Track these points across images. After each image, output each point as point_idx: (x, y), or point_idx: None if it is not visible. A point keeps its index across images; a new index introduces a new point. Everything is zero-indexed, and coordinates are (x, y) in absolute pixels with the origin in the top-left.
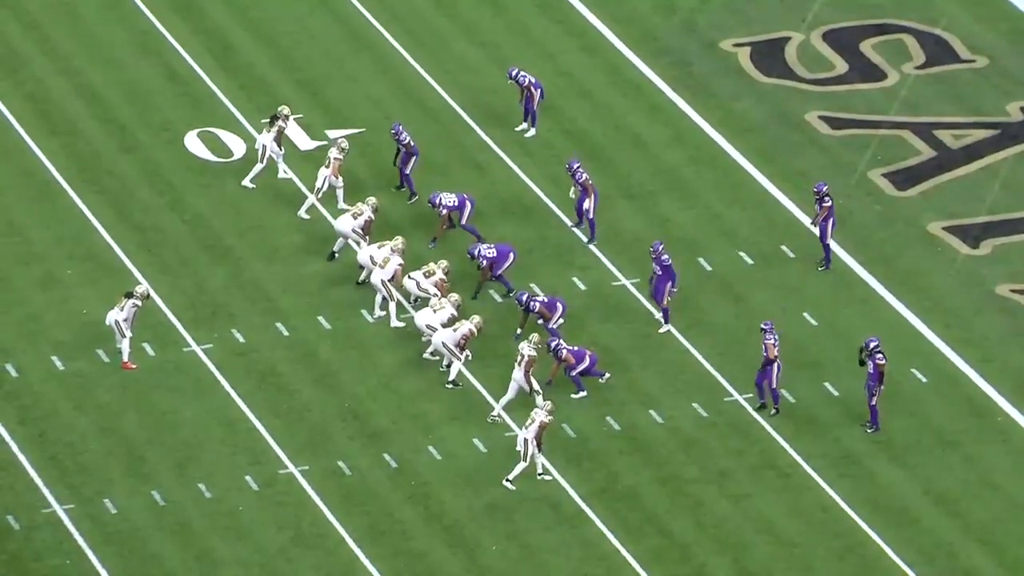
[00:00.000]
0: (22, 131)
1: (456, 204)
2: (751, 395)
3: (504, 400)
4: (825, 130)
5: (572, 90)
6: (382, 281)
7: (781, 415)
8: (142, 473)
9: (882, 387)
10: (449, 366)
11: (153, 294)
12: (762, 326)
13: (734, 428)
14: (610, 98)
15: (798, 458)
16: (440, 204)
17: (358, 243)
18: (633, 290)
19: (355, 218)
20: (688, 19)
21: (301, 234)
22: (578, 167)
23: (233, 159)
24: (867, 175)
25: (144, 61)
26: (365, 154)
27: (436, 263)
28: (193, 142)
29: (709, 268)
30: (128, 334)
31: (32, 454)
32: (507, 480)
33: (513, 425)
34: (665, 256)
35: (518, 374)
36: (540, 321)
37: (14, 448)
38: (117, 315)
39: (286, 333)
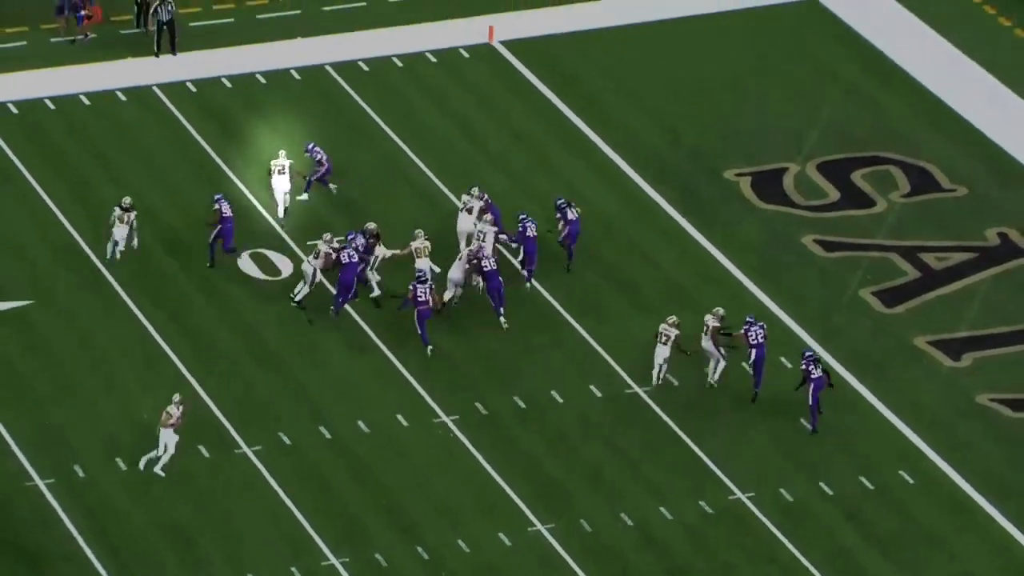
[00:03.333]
0: (89, 251)
1: (489, 205)
2: (753, 494)
3: (712, 371)
4: (819, 252)
5: (592, 216)
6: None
7: (781, 512)
8: (194, 561)
9: (806, 385)
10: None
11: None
12: (747, 318)
13: (738, 523)
14: (623, 222)
15: (796, 552)
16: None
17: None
18: (644, 397)
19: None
20: (694, 149)
21: (341, 336)
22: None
23: (281, 277)
24: (858, 293)
25: (199, 188)
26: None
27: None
28: (245, 262)
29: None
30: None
31: (95, 546)
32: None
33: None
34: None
35: (706, 343)
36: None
37: (80, 541)
38: (121, 233)
39: (328, 436)
